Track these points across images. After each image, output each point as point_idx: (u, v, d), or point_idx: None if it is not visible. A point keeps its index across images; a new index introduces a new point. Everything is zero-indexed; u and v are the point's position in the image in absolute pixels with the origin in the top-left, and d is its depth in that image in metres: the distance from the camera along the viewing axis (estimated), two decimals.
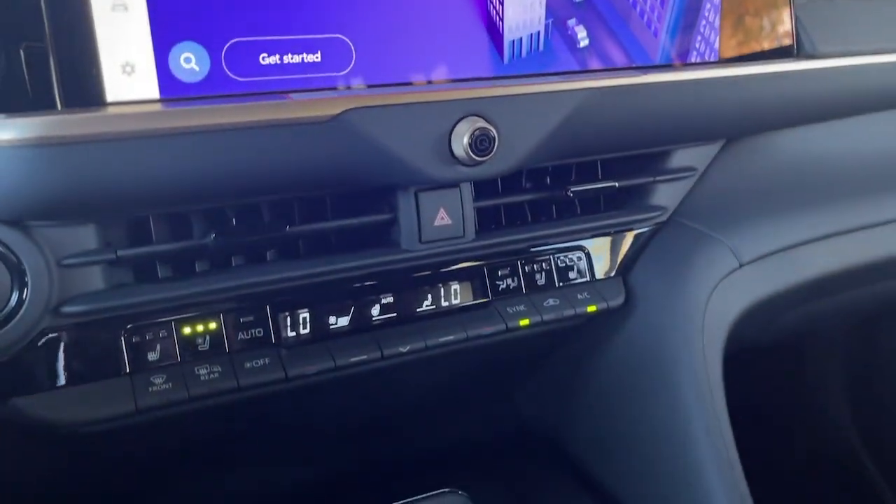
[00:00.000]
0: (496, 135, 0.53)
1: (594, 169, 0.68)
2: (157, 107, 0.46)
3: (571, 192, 0.65)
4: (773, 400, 0.65)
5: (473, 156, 0.53)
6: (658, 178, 0.70)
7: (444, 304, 0.62)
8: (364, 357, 0.57)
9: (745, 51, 0.65)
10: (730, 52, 0.64)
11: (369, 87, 0.52)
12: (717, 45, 0.64)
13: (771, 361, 0.70)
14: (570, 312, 0.65)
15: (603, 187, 0.66)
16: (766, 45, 0.66)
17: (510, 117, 0.54)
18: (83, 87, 0.44)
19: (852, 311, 0.87)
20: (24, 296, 0.47)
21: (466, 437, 0.73)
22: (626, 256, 0.70)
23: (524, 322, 0.63)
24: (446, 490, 0.66)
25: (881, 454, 1.18)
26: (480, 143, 0.53)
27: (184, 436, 0.60)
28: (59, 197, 0.45)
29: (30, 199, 0.44)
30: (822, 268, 0.73)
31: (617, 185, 0.67)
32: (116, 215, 0.50)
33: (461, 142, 0.53)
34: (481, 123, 0.53)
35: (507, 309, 0.64)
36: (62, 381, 0.50)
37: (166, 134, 0.45)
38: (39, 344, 0.49)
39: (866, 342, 1.15)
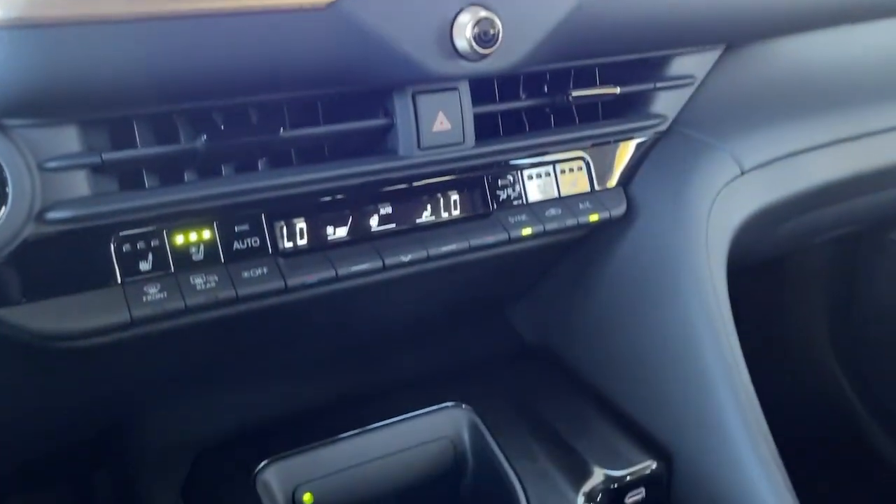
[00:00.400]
0: (500, 25, 0.51)
1: (592, 76, 0.66)
2: None
3: (572, 96, 0.63)
4: (751, 325, 0.65)
5: (477, 48, 0.50)
6: (658, 85, 0.68)
7: (445, 214, 0.60)
8: (366, 266, 0.55)
9: None
10: None
11: None
12: None
13: (751, 286, 0.70)
14: (572, 222, 0.63)
15: (603, 93, 0.64)
16: None
17: (514, 7, 0.52)
18: None
19: (849, 221, 0.87)
20: (5, 199, 0.44)
21: (467, 355, 0.72)
22: (626, 167, 0.68)
23: (526, 231, 0.61)
24: (449, 404, 0.65)
25: (859, 380, 1.20)
26: (485, 33, 0.50)
27: (181, 355, 0.58)
28: (37, 84, 0.42)
29: (6, 87, 0.41)
30: (823, 175, 0.73)
31: (618, 90, 0.65)
32: (98, 114, 0.47)
33: (464, 33, 0.50)
34: (484, 13, 0.50)
35: (509, 219, 0.62)
36: (50, 291, 0.47)
37: (149, 18, 0.42)
38: (25, 253, 0.46)
39: (847, 268, 1.16)
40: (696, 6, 0.61)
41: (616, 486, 0.59)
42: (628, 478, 0.60)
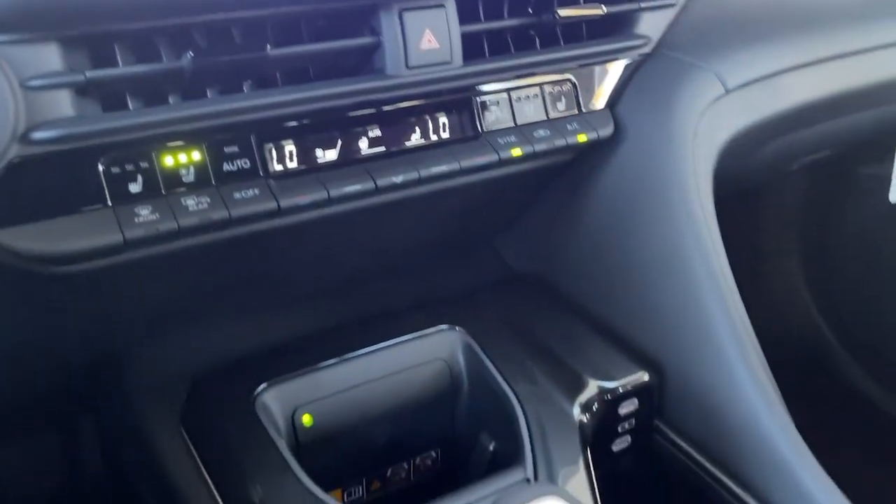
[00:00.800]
0: None
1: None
2: None
3: (559, 15, 0.62)
4: (728, 256, 0.66)
5: None
6: (642, 6, 0.68)
7: (434, 137, 0.60)
8: (358, 188, 0.55)
9: None
10: None
11: None
12: None
13: (728, 218, 0.71)
14: (560, 142, 0.63)
15: (589, 12, 0.64)
16: None
17: None
18: None
19: (827, 144, 0.88)
20: None
21: (459, 284, 0.72)
22: (612, 89, 0.68)
23: (516, 152, 0.61)
24: (443, 327, 0.65)
25: (832, 311, 1.23)
26: None
27: (175, 284, 0.58)
28: None
29: None
30: (807, 94, 0.73)
31: (604, 8, 0.64)
32: (79, 30, 0.46)
33: None
34: None
35: (499, 140, 0.62)
36: (41, 213, 0.46)
37: None
38: (12, 175, 0.45)
39: (820, 201, 1.18)
40: None
41: (609, 397, 0.60)
42: (621, 389, 0.61)
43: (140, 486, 0.63)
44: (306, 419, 0.57)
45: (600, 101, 0.68)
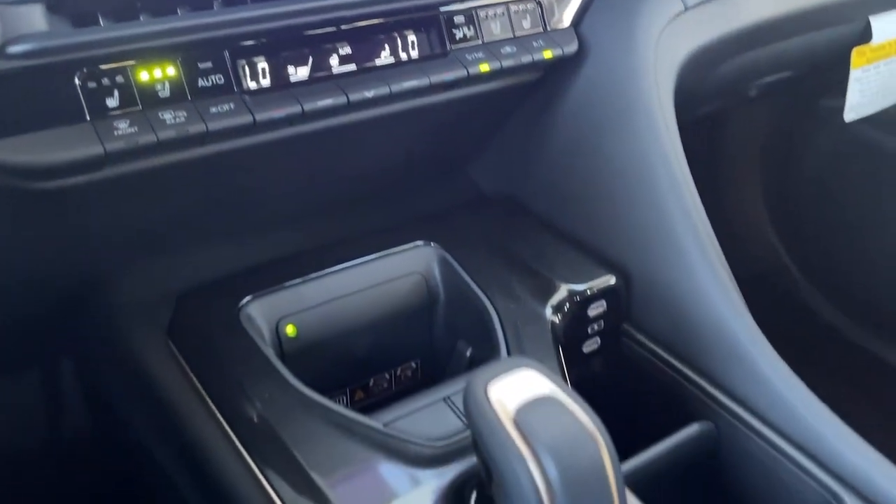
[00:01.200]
0: None
1: None
2: None
3: None
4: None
5: None
6: None
7: (403, 55, 0.61)
8: (330, 102, 0.57)
9: None
10: None
11: None
12: None
13: (690, 146, 0.74)
14: (527, 59, 0.65)
15: None
16: None
17: None
18: None
19: (785, 65, 0.91)
20: None
21: (432, 207, 0.74)
22: (576, 8, 0.70)
23: (484, 67, 0.63)
24: (419, 243, 0.68)
25: (793, 241, 1.27)
26: None
27: (156, 204, 0.59)
28: None
29: None
30: (763, 12, 0.75)
31: None
32: None
33: None
34: None
35: (467, 56, 0.63)
36: (19, 127, 0.47)
37: None
38: None
39: (781, 133, 1.21)
40: None
41: (578, 298, 0.63)
42: (589, 291, 0.64)
43: (129, 409, 0.65)
44: (290, 329, 0.59)
45: (565, 19, 0.69)
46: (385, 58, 0.61)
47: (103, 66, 0.50)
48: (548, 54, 0.66)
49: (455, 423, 0.54)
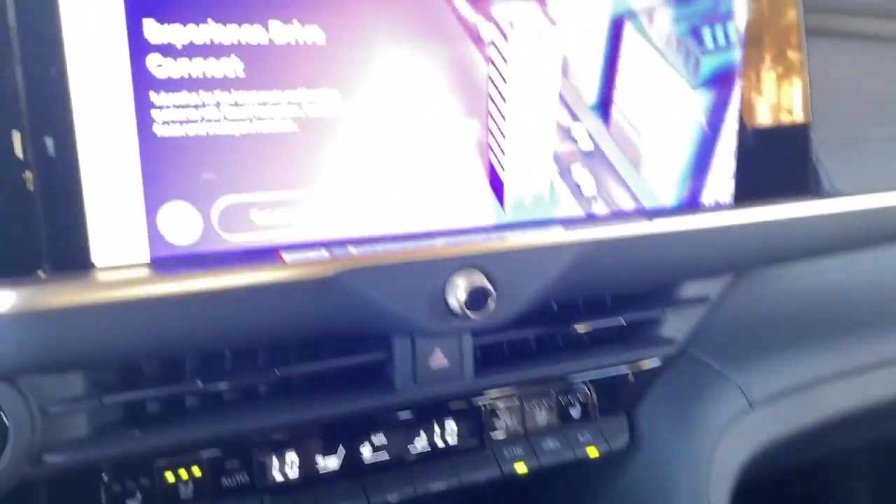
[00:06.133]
0: (492, 290, 0.52)
1: (603, 299, 0.66)
2: (146, 271, 0.45)
3: (575, 330, 0.63)
4: None
5: (469, 312, 0.51)
6: (668, 310, 0.68)
7: (439, 444, 0.60)
8: None
9: (762, 190, 0.63)
10: (745, 193, 0.62)
11: (364, 240, 0.51)
12: (731, 185, 0.62)
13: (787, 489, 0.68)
14: (569, 456, 0.63)
15: (608, 326, 0.64)
16: (784, 185, 0.64)
17: (509, 270, 0.53)
18: (70, 250, 0.44)
19: (869, 447, 0.84)
20: (5, 450, 0.47)
21: None
22: (632, 393, 0.68)
23: (520, 467, 0.61)
24: None
25: None
26: (475, 299, 0.51)
27: None
28: (43, 361, 0.44)
29: (12, 363, 0.44)
30: (838, 408, 0.70)
31: (623, 321, 0.65)
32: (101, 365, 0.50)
33: (456, 297, 0.51)
34: (478, 279, 0.51)
35: (504, 451, 0.62)
36: None
37: (155, 300, 0.44)
38: (13, 493, 0.48)
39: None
40: (701, 254, 0.61)
41: None
42: None
43: None
44: None
45: (617, 405, 0.67)
46: (419, 445, 0.60)
47: (132, 468, 0.52)
48: (593, 452, 0.63)
49: None
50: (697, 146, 0.60)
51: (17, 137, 0.42)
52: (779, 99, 0.62)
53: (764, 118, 0.62)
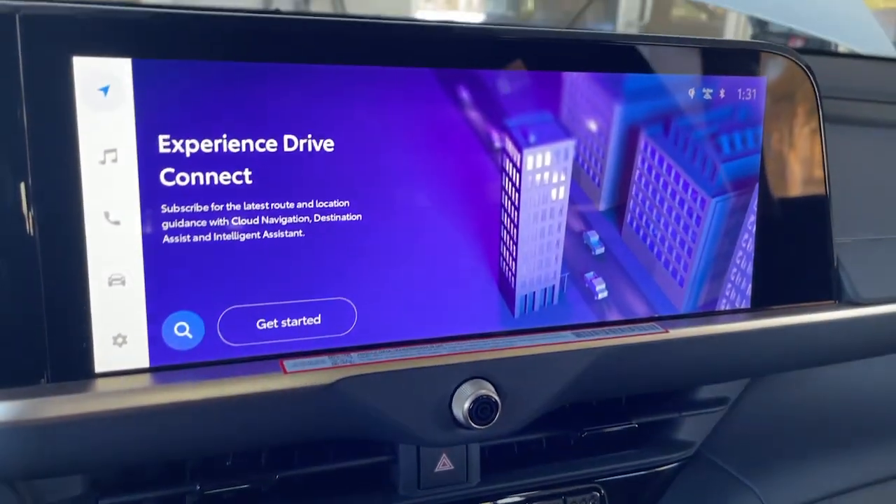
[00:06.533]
0: (499, 401, 0.50)
1: (615, 401, 0.65)
2: (147, 379, 0.45)
3: (586, 432, 0.61)
4: None
5: (475, 424, 0.50)
6: (685, 413, 0.66)
7: None
8: None
9: (781, 297, 0.61)
10: (763, 299, 0.61)
11: (369, 347, 0.50)
12: (748, 291, 0.60)
13: None
14: None
15: (620, 429, 0.62)
16: (804, 290, 0.62)
17: (517, 379, 0.52)
18: (72, 358, 0.44)
19: None
20: None
21: None
22: (645, 497, 0.66)
23: None
24: None
25: None
26: (482, 410, 0.50)
27: None
28: (43, 469, 0.44)
29: (12, 470, 0.44)
30: None
31: (636, 424, 0.63)
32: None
33: (462, 408, 0.50)
34: (485, 389, 0.50)
35: None
36: None
37: (156, 410, 0.44)
38: None
39: None
40: (716, 360, 0.59)
41: None
42: None
43: None
44: None
45: None
46: None
47: None
48: None
49: None
50: (714, 251, 0.58)
51: (24, 245, 0.43)
52: (798, 202, 0.61)
53: (783, 222, 0.60)
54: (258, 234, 0.46)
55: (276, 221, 0.47)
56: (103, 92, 0.42)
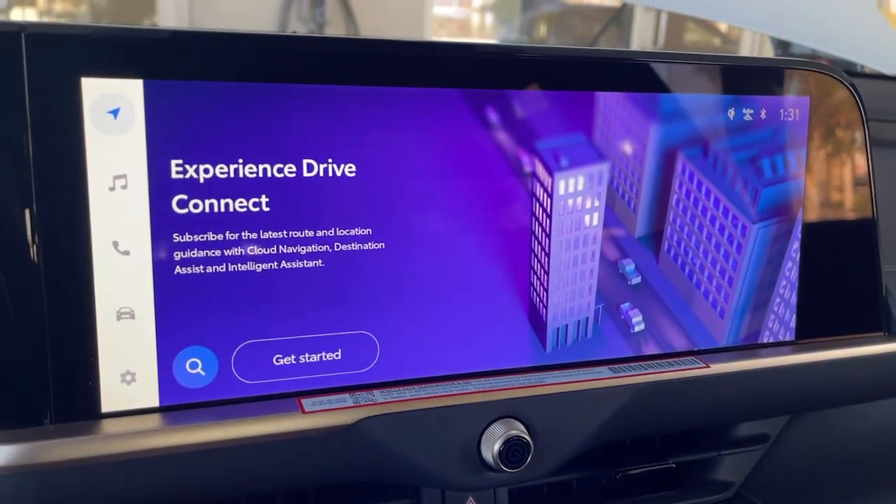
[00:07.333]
0: (531, 442, 0.47)
1: (651, 439, 0.61)
2: (156, 419, 0.42)
3: (620, 473, 0.58)
4: None
5: (504, 467, 0.47)
6: (724, 452, 0.62)
7: None
8: None
9: (827, 328, 0.58)
10: (808, 331, 0.57)
11: (393, 384, 0.47)
12: (792, 323, 0.57)
13: None
14: None
15: (657, 469, 0.59)
16: (851, 322, 0.59)
17: (549, 418, 0.49)
18: (77, 397, 0.41)
19: None
20: None
21: None
22: None
23: None
24: None
25: None
26: (513, 452, 0.47)
27: None
28: None
29: None
30: None
31: (673, 464, 0.59)
32: None
33: (491, 449, 0.47)
34: (515, 430, 0.47)
35: None
36: None
37: (166, 453, 0.41)
38: None
39: None
40: (759, 396, 0.55)
41: None
42: None
43: None
44: None
45: None
46: None
47: None
48: None
49: None
50: (756, 280, 0.55)
51: (28, 277, 0.40)
52: (844, 228, 0.58)
53: (829, 249, 0.57)
54: (275, 264, 0.44)
55: (295, 251, 0.44)
56: (113, 115, 0.40)
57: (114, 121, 0.40)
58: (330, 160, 0.44)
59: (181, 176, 0.41)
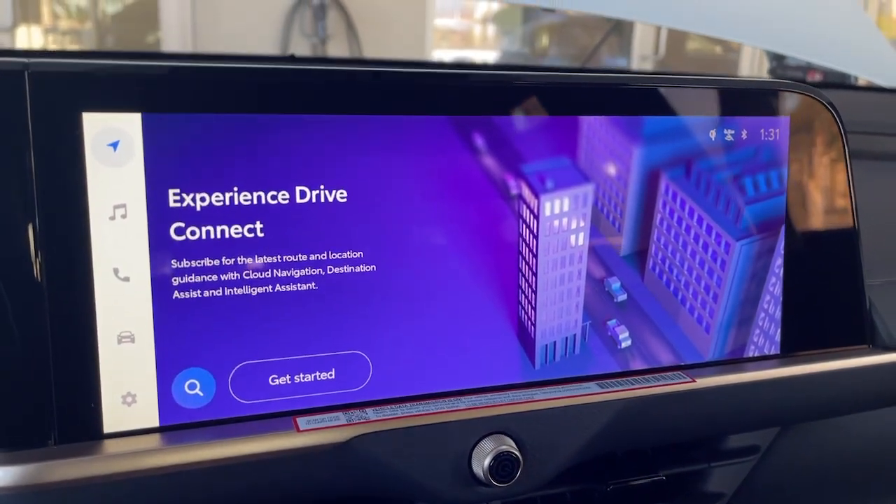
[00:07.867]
0: (520, 457, 0.49)
1: (642, 452, 0.63)
2: (156, 439, 0.43)
3: (611, 486, 0.59)
4: None
5: (494, 481, 0.48)
6: (714, 464, 0.63)
7: None
8: None
9: (811, 342, 0.59)
10: (793, 344, 0.58)
11: (385, 402, 0.49)
12: (777, 337, 0.58)
13: None
14: None
15: (647, 481, 0.60)
16: (836, 335, 0.60)
17: (539, 433, 0.50)
18: (80, 418, 0.43)
19: None
20: None
21: None
22: None
23: None
24: None
25: None
26: (502, 467, 0.48)
27: None
28: None
29: None
30: None
31: (664, 476, 0.60)
32: None
33: (482, 464, 0.48)
34: (505, 445, 0.48)
35: None
36: None
37: (166, 471, 0.43)
38: None
39: None
40: (745, 408, 0.57)
41: None
42: None
43: None
44: None
45: None
46: None
47: None
48: None
49: None
50: (740, 296, 0.56)
51: (32, 302, 0.42)
52: (827, 243, 0.59)
53: (812, 264, 0.58)
54: (270, 287, 0.45)
55: (289, 274, 0.46)
56: (113, 147, 0.42)
57: (114, 153, 0.42)
58: (322, 186, 0.46)
59: (178, 204, 0.43)
